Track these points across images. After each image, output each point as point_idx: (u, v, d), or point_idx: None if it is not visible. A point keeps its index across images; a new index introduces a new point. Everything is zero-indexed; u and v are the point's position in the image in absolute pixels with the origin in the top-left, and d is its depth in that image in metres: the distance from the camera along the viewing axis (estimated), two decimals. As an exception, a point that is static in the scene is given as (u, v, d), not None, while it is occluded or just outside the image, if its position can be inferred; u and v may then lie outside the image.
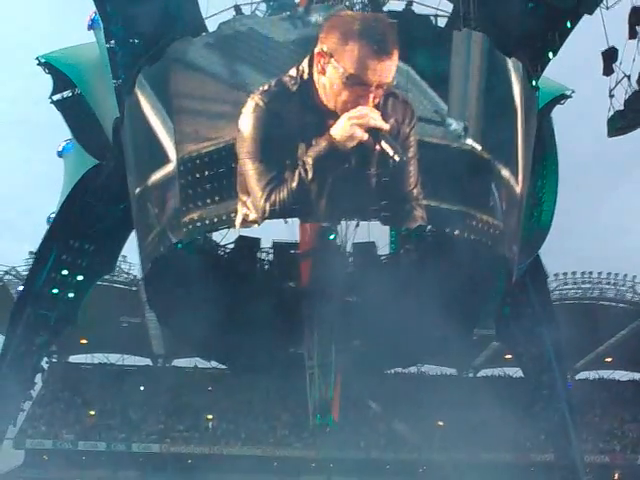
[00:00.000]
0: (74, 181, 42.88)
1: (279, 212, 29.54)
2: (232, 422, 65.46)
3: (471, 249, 34.56)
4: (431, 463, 64.18)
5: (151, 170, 34.18)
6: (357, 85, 26.52)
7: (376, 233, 40.68)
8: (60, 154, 47.19)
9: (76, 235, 44.35)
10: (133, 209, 37.68)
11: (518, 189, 35.73)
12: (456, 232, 32.19)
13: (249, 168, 29.09)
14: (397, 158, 27.42)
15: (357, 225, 37.84)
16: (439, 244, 37.25)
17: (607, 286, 65.68)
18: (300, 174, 28.37)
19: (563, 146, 43.05)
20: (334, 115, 27.49)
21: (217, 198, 31.54)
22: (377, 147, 27.35)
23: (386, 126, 27.37)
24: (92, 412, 67.88)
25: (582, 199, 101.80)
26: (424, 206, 30.57)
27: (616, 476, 69.07)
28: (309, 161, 28.14)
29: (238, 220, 30.36)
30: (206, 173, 32.17)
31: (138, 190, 35.56)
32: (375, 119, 27.10)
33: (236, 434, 65.54)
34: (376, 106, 27.28)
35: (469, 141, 31.35)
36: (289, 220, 36.10)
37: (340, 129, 27.39)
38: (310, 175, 28.21)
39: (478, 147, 31.83)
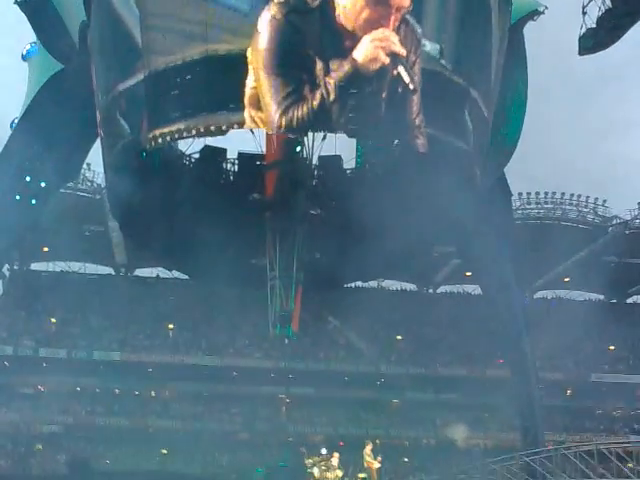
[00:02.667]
0: (39, 85, 42.12)
1: (295, 128, 29.41)
2: (193, 332, 65.92)
3: (436, 166, 34.68)
4: (389, 376, 65.14)
5: (119, 79, 33.66)
6: (379, 5, 26.29)
7: (343, 146, 40.52)
8: (24, 58, 46.23)
9: (40, 141, 43.74)
10: (99, 118, 37.20)
11: (487, 112, 35.75)
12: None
13: (264, 82, 28.74)
14: (412, 87, 27.46)
15: (323, 138, 37.65)
16: (405, 159, 37.20)
17: (569, 207, 66.32)
18: (322, 95, 28.18)
19: (533, 64, 42.87)
20: (353, 37, 27.22)
21: (189, 111, 31.27)
22: (394, 72, 27.27)
23: (404, 52, 27.28)
24: (53, 320, 68.00)
25: (548, 120, 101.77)
26: (426, 134, 30.67)
27: (568, 392, 70.62)
28: (332, 82, 27.94)
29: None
30: (176, 86, 31.81)
31: (105, 99, 35.06)
32: (396, 43, 26.98)
33: (196, 343, 66.07)
34: (395, 30, 27.16)
35: (443, 62, 31.19)
36: (255, 130, 35.95)
37: (364, 51, 27.15)
38: (332, 97, 28.04)
39: (452, 70, 31.73)
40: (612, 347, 74.55)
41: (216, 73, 31.08)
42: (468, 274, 64.36)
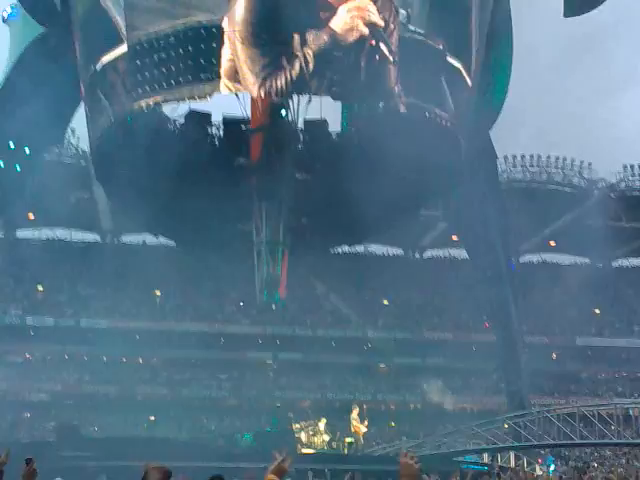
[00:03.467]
0: (20, 49, 41.83)
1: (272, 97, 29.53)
2: (180, 298, 65.93)
3: (421, 130, 34.70)
4: (376, 341, 65.40)
5: (102, 52, 33.56)
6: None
7: (328, 110, 40.40)
8: (5, 21, 45.92)
9: (23, 107, 43.45)
10: (83, 92, 37.13)
11: (469, 80, 35.78)
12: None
13: (241, 54, 28.63)
14: (391, 58, 27.45)
15: (309, 101, 37.51)
16: (389, 123, 37.13)
17: (555, 170, 66.34)
18: (301, 65, 28.07)
19: (519, 27, 42.76)
20: (328, 7, 27.10)
21: (172, 82, 31.20)
22: (372, 42, 27.19)
23: (381, 22, 27.19)
24: (40, 288, 67.87)
25: (534, 82, 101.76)
26: (406, 103, 30.71)
27: (554, 356, 71.06)
28: (310, 53, 27.82)
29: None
30: (159, 57, 31.69)
31: (88, 73, 34.99)
32: (373, 13, 26.88)
33: (184, 310, 66.10)
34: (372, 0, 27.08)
35: (411, 28, 31.11)
36: (240, 95, 35.82)
37: (341, 21, 27.12)
38: (311, 67, 27.95)
39: (426, 35, 31.71)
40: (598, 311, 74.92)
41: (195, 45, 31.06)
42: (454, 238, 64.42)
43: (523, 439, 43.34)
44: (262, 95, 29.06)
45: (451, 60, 34.66)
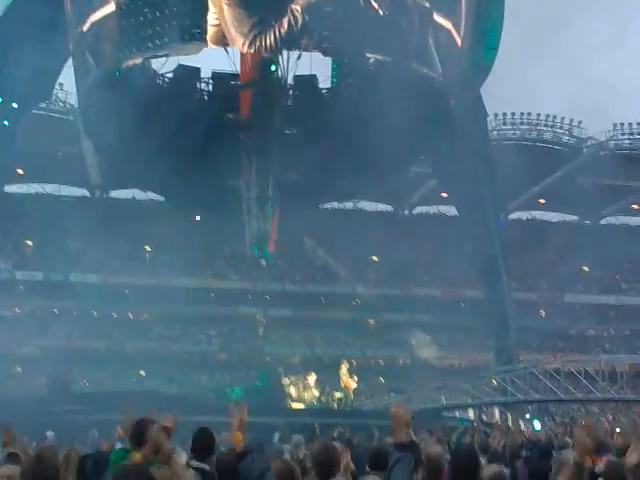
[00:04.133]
0: (6, 2, 41.52)
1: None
2: (170, 254, 65.96)
3: (411, 86, 34.60)
4: (365, 297, 65.68)
5: (91, 10, 33.37)
6: None
7: (318, 66, 40.24)
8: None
9: (10, 61, 43.13)
10: (72, 49, 36.97)
11: (459, 39, 35.69)
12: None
13: (228, 15, 28.45)
14: (380, 12, 27.41)
15: (299, 57, 37.33)
16: (380, 79, 37.03)
17: (545, 128, 66.38)
18: (290, 22, 27.94)
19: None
20: None
21: (158, 42, 31.10)
22: None
23: None
24: (29, 242, 67.86)
25: (525, 39, 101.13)
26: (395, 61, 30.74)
27: (542, 313, 71.56)
28: (298, 9, 27.69)
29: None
30: (148, 15, 31.55)
31: (77, 31, 34.83)
32: None
33: (173, 266, 66.11)
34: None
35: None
36: (229, 50, 35.67)
37: None
38: (300, 23, 27.83)
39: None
40: (586, 268, 75.34)
41: (181, 4, 30.94)
42: (444, 195, 64.52)
43: (509, 395, 43.78)
44: (251, 51, 28.95)
45: (439, 19, 34.59)
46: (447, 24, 34.66)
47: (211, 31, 29.83)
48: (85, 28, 33.99)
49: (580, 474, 4.20)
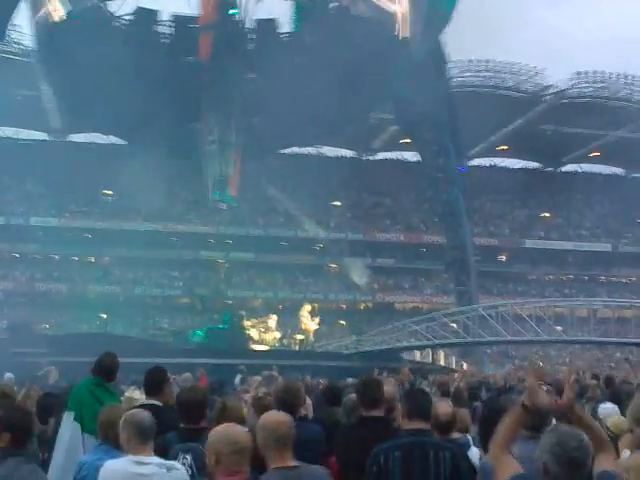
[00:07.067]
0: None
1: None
2: (131, 198, 65.50)
3: (372, 29, 34.61)
4: (327, 241, 65.89)
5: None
6: None
7: (278, 10, 40.11)
8: None
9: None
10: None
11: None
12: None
13: None
14: None
15: (258, 0, 37.21)
16: (340, 23, 37.01)
17: (506, 75, 66.31)
18: None
19: None
20: None
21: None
22: None
23: None
24: (-10, 186, 67.19)
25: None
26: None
27: (503, 258, 72.33)
28: None
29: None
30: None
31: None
32: None
33: (135, 209, 65.81)
34: None
35: None
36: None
37: None
38: None
39: None
40: (546, 214, 76.04)
41: None
42: (406, 141, 64.62)
43: (460, 336, 44.31)
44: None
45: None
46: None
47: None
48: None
49: (527, 415, 4.40)
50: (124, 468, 5.18)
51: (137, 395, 8.05)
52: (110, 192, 67.24)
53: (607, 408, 8.16)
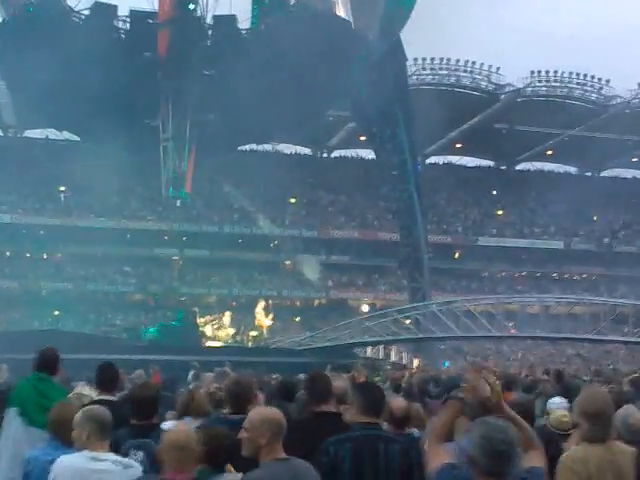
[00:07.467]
0: None
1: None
2: (85, 194, 65.01)
3: (331, 27, 34.65)
4: (282, 238, 65.92)
5: None
6: None
7: (238, 6, 40.04)
8: None
9: None
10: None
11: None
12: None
13: None
14: None
15: (217, -4, 37.12)
16: (299, 20, 37.01)
17: (464, 74, 66.90)
18: None
19: None
20: None
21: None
22: None
23: None
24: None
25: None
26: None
27: (456, 255, 72.73)
28: None
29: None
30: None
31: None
32: None
33: (89, 206, 65.33)
34: None
35: None
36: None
37: None
38: None
39: None
40: (500, 212, 76.66)
41: None
42: (362, 138, 64.83)
43: (412, 333, 44.60)
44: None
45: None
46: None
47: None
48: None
49: (469, 409, 4.49)
50: (80, 464, 5.12)
51: (86, 391, 8.02)
52: (64, 188, 66.60)
53: (557, 403, 8.25)
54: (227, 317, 47.10)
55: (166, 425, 6.34)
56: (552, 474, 4.80)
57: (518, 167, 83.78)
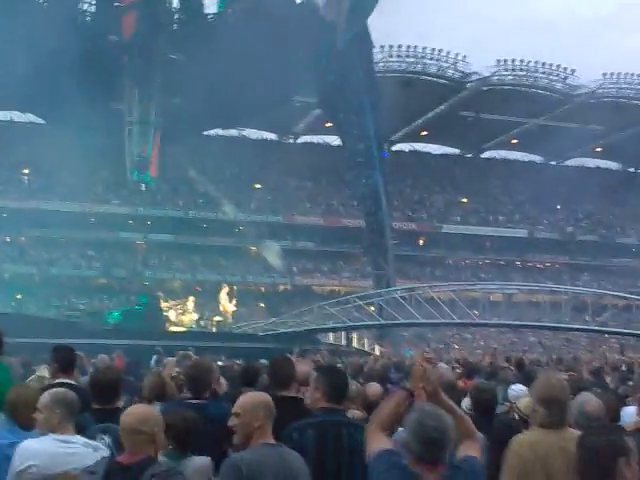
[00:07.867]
0: None
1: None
2: (49, 177, 64.52)
3: (298, 12, 34.62)
4: (247, 224, 65.79)
5: None
6: None
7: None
8: None
9: None
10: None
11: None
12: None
13: None
14: None
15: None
16: (266, 5, 36.92)
17: (430, 61, 67.10)
18: None
19: None
20: None
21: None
22: None
23: None
24: None
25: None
26: None
27: (421, 242, 73.04)
28: None
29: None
30: None
31: None
32: None
33: (53, 189, 64.79)
34: None
35: None
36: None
37: None
38: None
39: None
40: (464, 200, 77.01)
41: None
42: (329, 125, 64.82)
43: (374, 319, 44.76)
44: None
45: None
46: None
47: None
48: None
49: (410, 398, 4.55)
50: (53, 448, 5.05)
51: (47, 374, 8.00)
52: (28, 171, 66.04)
53: (517, 390, 8.38)
54: (191, 302, 47.01)
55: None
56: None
57: (483, 155, 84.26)
